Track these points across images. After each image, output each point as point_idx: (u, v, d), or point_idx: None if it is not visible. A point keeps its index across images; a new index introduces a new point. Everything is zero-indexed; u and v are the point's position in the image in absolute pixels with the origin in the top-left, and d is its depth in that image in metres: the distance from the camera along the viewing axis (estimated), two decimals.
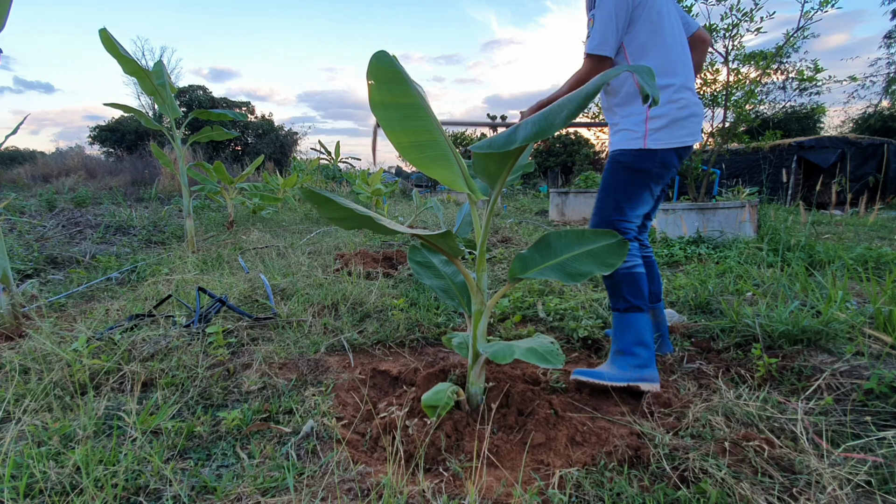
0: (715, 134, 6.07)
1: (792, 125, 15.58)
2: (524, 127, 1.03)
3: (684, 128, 1.60)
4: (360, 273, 3.11)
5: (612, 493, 1.06)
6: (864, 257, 3.18)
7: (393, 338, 2.10)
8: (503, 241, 4.88)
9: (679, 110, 1.59)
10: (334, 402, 1.51)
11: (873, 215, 4.75)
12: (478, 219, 1.40)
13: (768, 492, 1.03)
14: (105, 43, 3.49)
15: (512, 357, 1.18)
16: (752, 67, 5.54)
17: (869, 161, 9.86)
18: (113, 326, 2.08)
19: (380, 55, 1.34)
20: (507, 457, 1.22)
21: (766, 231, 3.96)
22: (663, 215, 4.35)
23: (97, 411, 1.39)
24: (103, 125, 21.13)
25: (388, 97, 1.30)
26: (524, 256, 1.38)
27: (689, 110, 1.60)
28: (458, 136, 22.88)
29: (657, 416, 1.38)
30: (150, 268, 3.43)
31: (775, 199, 8.22)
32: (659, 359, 1.79)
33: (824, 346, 1.75)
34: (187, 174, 4.63)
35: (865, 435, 1.23)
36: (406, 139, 1.30)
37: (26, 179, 13.06)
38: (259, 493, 1.08)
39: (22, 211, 6.07)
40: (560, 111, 0.98)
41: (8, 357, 1.73)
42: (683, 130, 1.60)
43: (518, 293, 2.63)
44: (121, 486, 1.08)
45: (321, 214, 1.16)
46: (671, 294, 2.64)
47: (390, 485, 1.04)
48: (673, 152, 1.60)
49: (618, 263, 1.29)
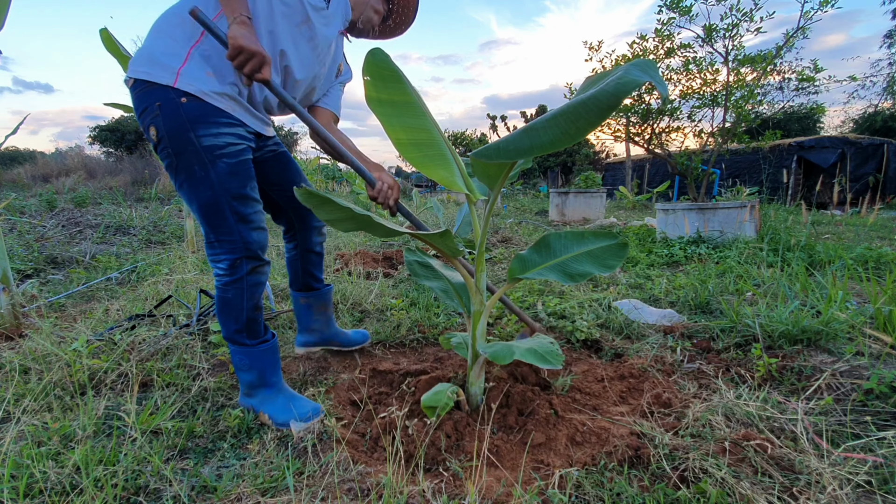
0: (715, 134, 6.07)
1: (792, 125, 15.58)
2: (534, 133, 0.95)
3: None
4: (360, 273, 3.11)
5: (612, 493, 1.06)
6: (865, 257, 3.18)
7: (393, 338, 2.10)
8: (503, 241, 4.88)
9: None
10: (334, 402, 1.51)
11: (873, 215, 4.75)
12: (477, 219, 1.40)
13: (768, 491, 1.03)
14: (106, 42, 3.49)
15: (512, 358, 1.18)
16: (752, 69, 5.54)
17: (869, 161, 9.87)
18: (113, 326, 2.08)
19: (375, 52, 1.34)
20: (507, 457, 1.22)
21: (766, 231, 3.96)
22: (663, 215, 4.35)
23: (97, 411, 1.39)
24: (103, 125, 21.12)
25: (385, 94, 1.30)
26: (524, 257, 1.38)
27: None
28: (458, 135, 22.89)
29: (657, 416, 1.38)
30: (150, 268, 3.43)
31: (775, 199, 8.22)
32: (659, 359, 1.79)
33: (824, 346, 1.75)
34: None
35: (865, 435, 1.23)
36: (405, 136, 1.30)
37: (26, 179, 13.06)
38: (259, 493, 1.08)
39: (22, 211, 6.07)
40: (576, 119, 0.90)
41: (8, 357, 1.73)
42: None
43: (518, 293, 2.63)
44: (121, 486, 1.08)
45: (319, 216, 1.16)
46: (671, 294, 2.64)
47: (390, 485, 1.04)
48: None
49: (618, 264, 1.29)
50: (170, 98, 1.18)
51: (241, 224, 1.28)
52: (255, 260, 1.32)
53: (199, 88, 1.20)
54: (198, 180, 1.23)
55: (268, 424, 1.37)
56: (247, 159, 1.32)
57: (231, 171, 1.26)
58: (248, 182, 1.31)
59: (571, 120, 0.90)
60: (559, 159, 20.53)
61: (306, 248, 1.73)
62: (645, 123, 6.30)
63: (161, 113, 1.18)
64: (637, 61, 0.92)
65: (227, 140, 1.25)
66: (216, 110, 1.23)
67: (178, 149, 1.21)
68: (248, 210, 1.29)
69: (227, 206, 1.25)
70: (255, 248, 1.31)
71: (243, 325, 1.34)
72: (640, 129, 6.39)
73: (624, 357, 1.84)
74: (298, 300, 1.81)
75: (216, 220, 1.26)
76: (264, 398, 1.39)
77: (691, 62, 5.78)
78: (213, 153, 1.22)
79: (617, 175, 14.68)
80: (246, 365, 1.37)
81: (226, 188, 1.24)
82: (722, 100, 5.69)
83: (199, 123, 1.20)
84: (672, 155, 6.30)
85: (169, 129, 1.19)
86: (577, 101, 0.91)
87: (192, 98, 1.19)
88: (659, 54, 5.86)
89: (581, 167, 18.85)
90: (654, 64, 0.90)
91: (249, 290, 1.31)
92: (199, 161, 1.22)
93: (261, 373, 1.38)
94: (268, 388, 1.39)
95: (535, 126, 0.96)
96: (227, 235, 1.27)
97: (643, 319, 2.22)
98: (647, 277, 3.09)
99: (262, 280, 1.36)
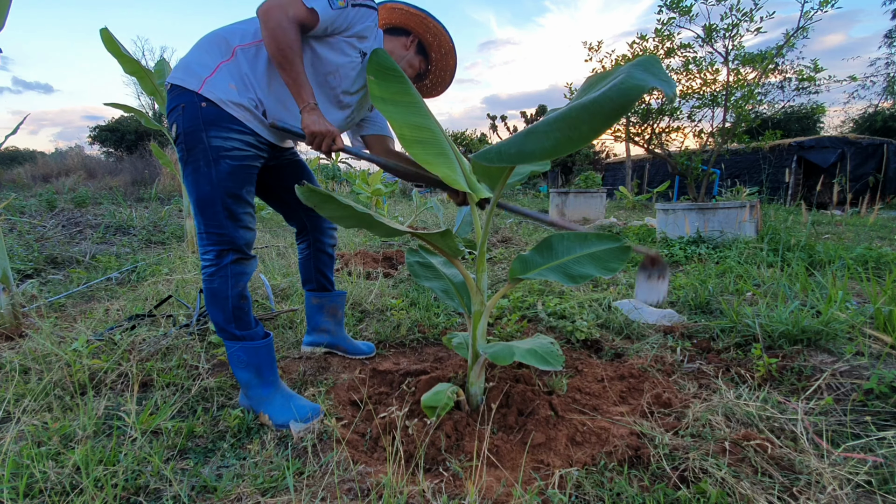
0: (715, 134, 6.07)
1: (792, 125, 15.57)
2: (536, 137, 0.93)
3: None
4: (360, 273, 3.11)
5: (612, 493, 1.06)
6: (864, 257, 3.18)
7: (393, 338, 2.10)
8: (503, 241, 4.88)
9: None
10: (334, 402, 1.51)
11: (873, 215, 4.75)
12: (478, 219, 1.40)
13: (768, 491, 1.03)
14: (106, 42, 3.49)
15: (512, 358, 1.18)
16: (752, 69, 5.54)
17: (869, 161, 9.87)
18: (113, 326, 2.08)
19: (379, 53, 1.35)
20: (507, 457, 1.22)
21: (766, 231, 3.96)
22: (663, 215, 4.35)
23: (97, 411, 1.39)
24: (103, 125, 21.13)
25: (389, 93, 1.31)
26: (525, 257, 1.37)
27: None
28: (458, 135, 22.89)
29: (657, 416, 1.38)
30: (150, 268, 3.43)
31: (775, 199, 8.22)
32: (659, 359, 1.79)
33: (824, 346, 1.75)
34: None
35: (865, 435, 1.23)
36: (409, 133, 1.30)
37: (26, 179, 13.07)
38: (259, 493, 1.08)
39: (22, 211, 6.07)
40: (579, 125, 0.87)
41: (8, 357, 1.73)
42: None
43: (518, 293, 2.63)
44: (121, 486, 1.08)
45: (321, 213, 1.16)
46: (671, 294, 2.64)
47: (390, 485, 1.04)
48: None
49: (619, 267, 1.29)
50: (193, 101, 1.32)
51: (231, 221, 1.37)
52: (238, 252, 1.40)
53: (219, 97, 1.33)
54: (201, 175, 1.34)
55: (268, 425, 1.37)
56: (250, 165, 1.41)
57: (231, 172, 1.35)
58: (245, 185, 1.40)
59: (574, 125, 0.87)
60: (559, 159, 20.53)
61: (318, 248, 1.82)
62: (645, 123, 6.31)
63: (183, 113, 1.33)
64: (639, 60, 0.87)
65: (234, 144, 1.36)
66: (230, 117, 1.35)
67: (191, 145, 1.34)
68: (239, 210, 1.38)
69: (220, 202, 1.35)
70: (240, 243, 1.40)
71: (230, 313, 1.40)
72: (640, 129, 6.40)
73: (624, 357, 1.85)
74: (311, 300, 1.88)
75: (209, 212, 1.35)
76: (263, 398, 1.42)
77: (691, 62, 5.78)
78: (218, 153, 1.34)
79: (617, 175, 14.68)
80: (242, 362, 1.41)
81: (223, 186, 1.34)
82: (722, 100, 5.69)
83: (213, 126, 1.33)
84: (672, 155, 6.30)
85: (186, 127, 1.33)
86: (580, 105, 0.87)
87: (211, 104, 1.32)
88: (659, 54, 5.86)
89: (581, 167, 18.85)
90: (658, 61, 0.85)
91: (233, 278, 1.39)
92: (206, 158, 1.33)
93: (257, 370, 1.42)
94: (265, 387, 1.43)
95: (537, 129, 0.94)
96: (216, 229, 1.36)
97: (643, 319, 2.22)
98: None
99: (246, 271, 1.44)
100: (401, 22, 1.62)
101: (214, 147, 1.33)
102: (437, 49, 1.66)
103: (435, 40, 1.64)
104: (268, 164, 1.58)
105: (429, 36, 1.63)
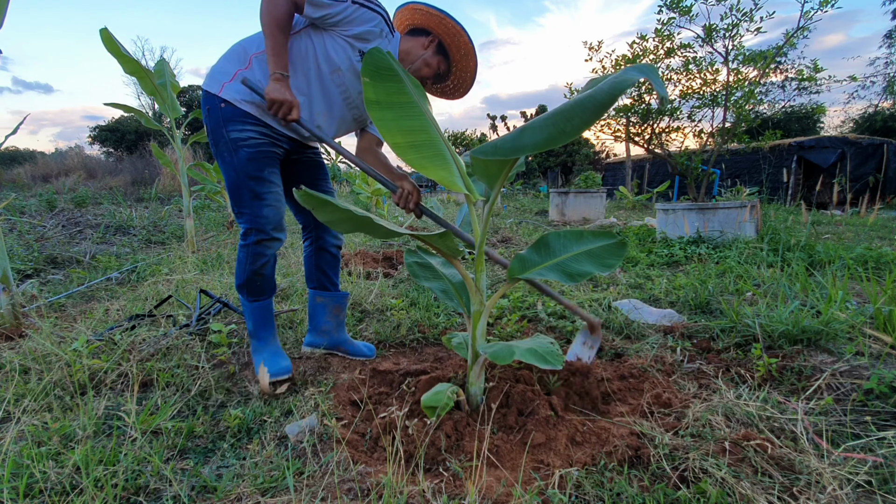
0: (715, 134, 6.07)
1: (792, 125, 15.59)
2: (531, 132, 0.97)
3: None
4: (360, 273, 3.11)
5: (612, 493, 1.06)
6: (864, 257, 3.18)
7: (393, 338, 2.10)
8: (503, 241, 4.88)
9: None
10: (334, 402, 1.51)
11: (873, 215, 4.74)
12: (476, 219, 1.40)
13: (768, 491, 1.03)
14: (106, 42, 3.49)
15: (512, 358, 1.18)
16: (753, 68, 5.54)
17: (869, 161, 9.87)
18: (113, 326, 2.08)
19: (374, 53, 1.33)
20: (507, 457, 1.22)
21: (766, 231, 3.96)
22: (663, 215, 4.35)
23: (97, 411, 1.39)
24: (103, 125, 21.15)
25: (384, 95, 1.30)
26: (523, 256, 1.37)
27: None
28: (457, 135, 22.89)
29: (657, 416, 1.38)
30: (150, 268, 3.43)
31: (775, 199, 8.22)
32: (659, 359, 1.79)
33: (824, 346, 1.75)
34: (187, 174, 4.63)
35: (865, 435, 1.23)
36: (402, 139, 1.29)
37: (26, 179, 13.07)
38: (259, 493, 1.08)
39: (22, 211, 6.08)
40: (571, 118, 0.92)
41: (8, 357, 1.73)
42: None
43: (518, 293, 2.63)
44: (121, 486, 1.08)
45: (319, 217, 1.16)
46: (671, 294, 2.64)
47: (390, 485, 1.04)
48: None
49: (617, 264, 1.29)
50: (215, 104, 1.54)
51: (256, 201, 1.56)
52: (262, 233, 1.58)
53: (234, 97, 1.53)
54: (226, 164, 1.57)
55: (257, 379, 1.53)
56: (268, 150, 1.59)
57: (250, 158, 1.55)
58: (265, 167, 1.58)
59: (567, 118, 0.92)
60: (559, 159, 20.53)
61: (320, 246, 1.89)
62: (645, 123, 6.30)
63: (209, 114, 1.56)
64: (637, 65, 0.93)
65: (250, 135, 1.55)
66: (245, 113, 1.54)
67: (216, 140, 1.57)
68: (262, 189, 1.57)
69: (244, 185, 1.55)
70: (264, 222, 1.57)
71: (244, 282, 1.64)
72: (640, 129, 6.39)
73: (624, 357, 1.84)
74: (314, 298, 1.92)
75: (237, 195, 1.57)
76: (255, 348, 1.71)
77: (691, 62, 5.78)
78: (237, 144, 1.54)
79: (617, 175, 14.68)
80: (246, 314, 1.70)
81: (245, 171, 1.54)
82: (722, 100, 5.69)
83: (230, 121, 1.53)
84: (672, 155, 6.30)
85: (212, 126, 1.56)
86: (573, 101, 0.93)
87: (228, 104, 1.53)
88: (659, 54, 5.87)
89: (581, 167, 18.87)
90: (654, 68, 0.91)
91: (252, 256, 1.61)
92: (228, 149, 1.55)
93: (254, 325, 1.70)
94: (258, 340, 1.71)
95: (532, 125, 0.97)
96: (245, 208, 1.57)
97: (643, 319, 2.22)
98: (647, 277, 3.09)
99: (266, 252, 1.62)
100: (421, 22, 1.67)
101: (233, 139, 1.53)
102: (457, 50, 1.68)
103: (453, 41, 1.66)
104: (290, 157, 1.74)
105: (447, 37, 1.66)
